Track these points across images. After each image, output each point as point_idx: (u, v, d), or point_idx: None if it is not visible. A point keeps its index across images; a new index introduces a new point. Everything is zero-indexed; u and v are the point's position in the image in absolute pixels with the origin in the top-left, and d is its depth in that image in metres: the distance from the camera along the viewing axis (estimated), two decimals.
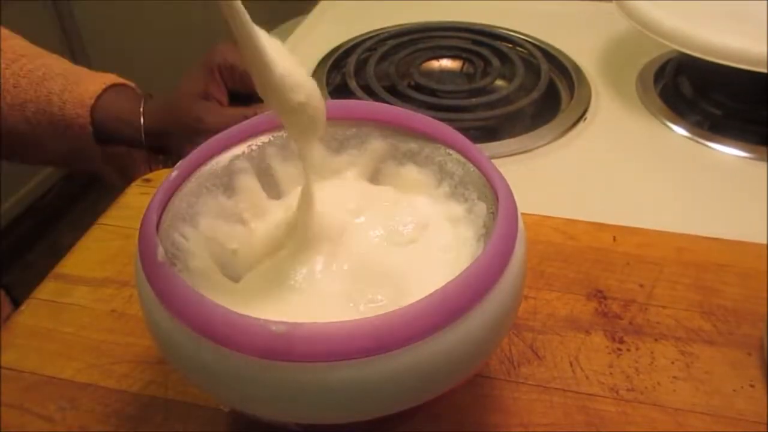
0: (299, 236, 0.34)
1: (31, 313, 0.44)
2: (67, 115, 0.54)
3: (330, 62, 0.74)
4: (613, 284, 0.45)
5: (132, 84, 0.57)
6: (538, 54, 0.73)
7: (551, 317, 0.43)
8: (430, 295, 0.27)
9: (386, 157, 0.38)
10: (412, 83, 0.70)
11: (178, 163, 0.34)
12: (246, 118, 0.38)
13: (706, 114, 0.66)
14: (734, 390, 0.38)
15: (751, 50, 0.57)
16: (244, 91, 0.51)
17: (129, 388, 0.39)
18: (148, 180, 0.54)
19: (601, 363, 0.40)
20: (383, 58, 0.74)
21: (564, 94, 0.70)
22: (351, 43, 0.78)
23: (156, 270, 0.28)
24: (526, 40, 0.76)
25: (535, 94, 0.66)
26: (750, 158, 0.59)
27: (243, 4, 0.26)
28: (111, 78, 0.56)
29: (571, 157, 0.60)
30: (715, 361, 0.40)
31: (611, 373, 0.39)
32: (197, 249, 0.33)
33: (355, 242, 0.35)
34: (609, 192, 0.57)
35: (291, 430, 0.30)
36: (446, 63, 0.76)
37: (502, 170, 0.33)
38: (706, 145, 0.61)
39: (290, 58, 0.30)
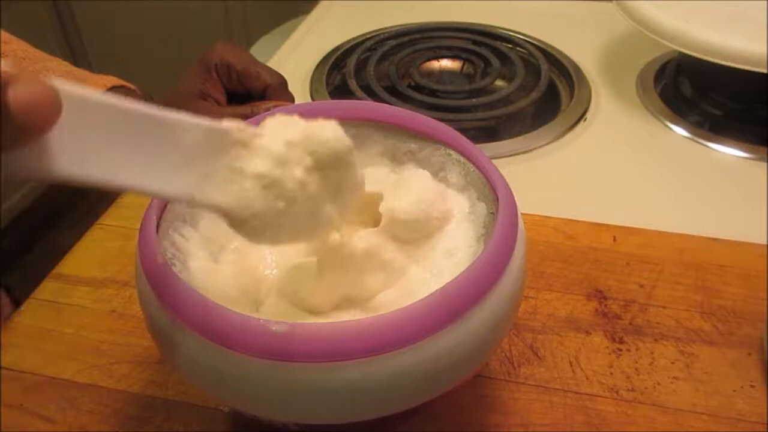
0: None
1: (31, 313, 0.44)
2: None
3: (330, 62, 0.74)
4: (613, 284, 0.45)
5: (132, 86, 0.57)
6: (538, 54, 0.73)
7: (551, 317, 0.43)
8: (430, 295, 0.27)
9: (386, 157, 0.38)
10: (412, 83, 0.70)
11: None
12: (244, 117, 0.38)
13: (706, 114, 0.66)
14: (734, 390, 0.38)
15: (751, 50, 0.57)
16: (242, 91, 0.51)
17: (129, 388, 0.39)
18: None
19: (601, 363, 0.40)
20: (383, 58, 0.74)
21: (564, 94, 0.70)
22: (351, 43, 0.78)
23: (156, 270, 0.28)
24: (526, 40, 0.76)
25: (535, 95, 0.66)
26: (750, 158, 0.59)
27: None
28: (112, 80, 0.56)
29: (571, 157, 0.60)
30: (715, 362, 0.40)
31: (611, 373, 0.39)
32: (197, 249, 0.33)
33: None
34: (609, 192, 0.57)
35: (291, 430, 0.30)
36: (446, 63, 0.76)
37: (502, 170, 0.33)
38: (706, 145, 0.61)
39: None
